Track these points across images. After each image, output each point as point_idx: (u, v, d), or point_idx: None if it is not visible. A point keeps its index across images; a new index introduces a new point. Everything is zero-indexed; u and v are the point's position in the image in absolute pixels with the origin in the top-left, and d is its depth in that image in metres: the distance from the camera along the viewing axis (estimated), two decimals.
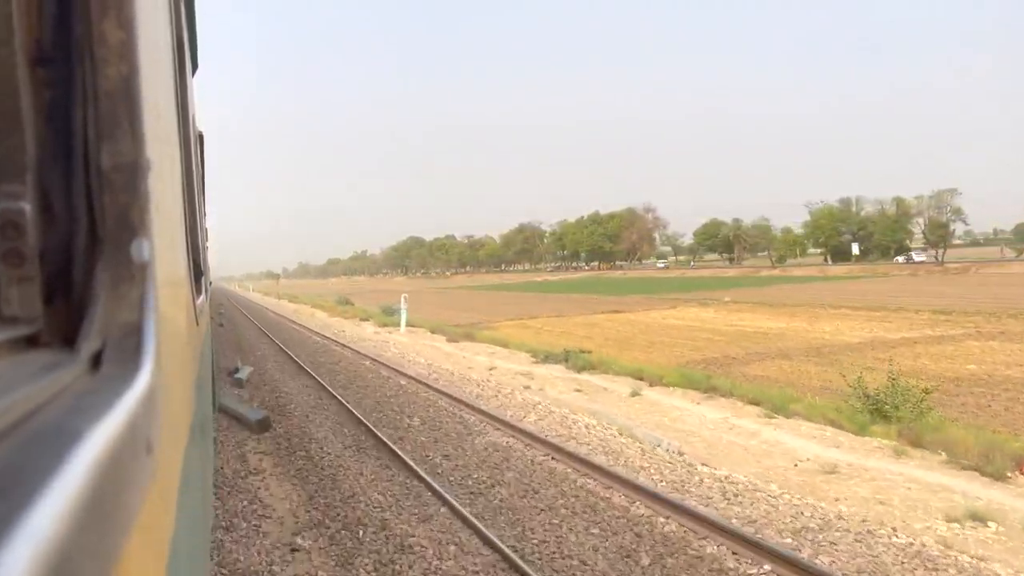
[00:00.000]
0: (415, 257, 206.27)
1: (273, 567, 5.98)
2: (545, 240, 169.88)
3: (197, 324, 2.13)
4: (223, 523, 6.98)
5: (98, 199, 0.61)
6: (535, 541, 6.48)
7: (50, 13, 0.59)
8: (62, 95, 0.60)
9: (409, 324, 30.39)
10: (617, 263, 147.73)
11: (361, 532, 6.71)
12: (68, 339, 0.58)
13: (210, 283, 6.53)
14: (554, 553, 6.22)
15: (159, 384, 0.63)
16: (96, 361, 0.58)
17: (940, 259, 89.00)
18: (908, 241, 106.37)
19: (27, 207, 0.58)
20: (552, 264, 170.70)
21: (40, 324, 0.59)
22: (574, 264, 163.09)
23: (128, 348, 0.60)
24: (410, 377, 15.96)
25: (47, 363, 0.53)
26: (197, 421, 1.61)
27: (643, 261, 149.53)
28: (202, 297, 2.90)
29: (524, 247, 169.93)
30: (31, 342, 0.58)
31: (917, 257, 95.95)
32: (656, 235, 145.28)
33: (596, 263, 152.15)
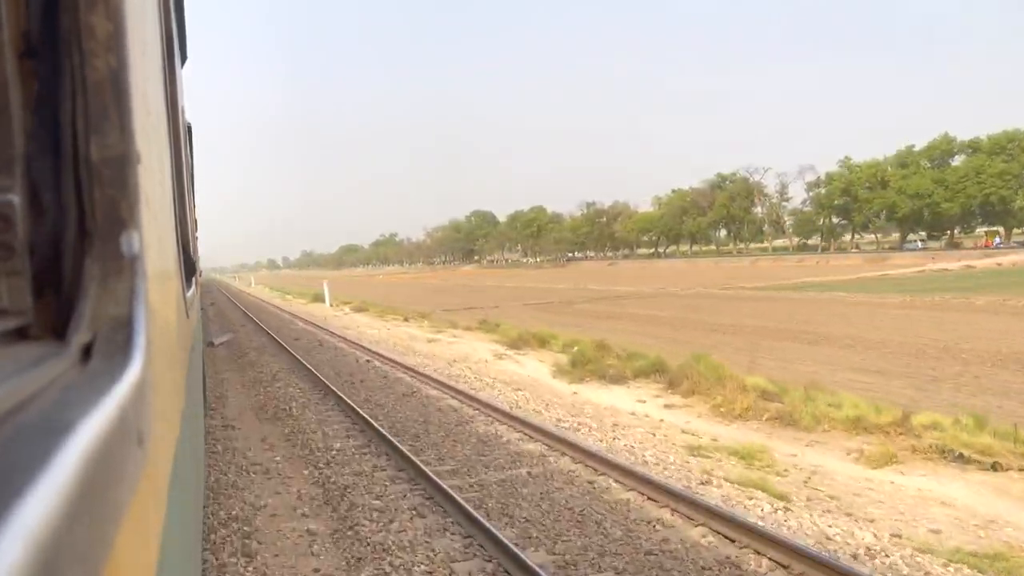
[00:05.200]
0: (494, 237, 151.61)
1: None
2: (774, 197, 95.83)
3: (187, 316, 2.13)
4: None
5: (87, 192, 0.61)
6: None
7: (37, 5, 0.59)
8: (50, 88, 0.60)
9: None
10: (986, 230, 78.67)
11: None
12: (58, 332, 0.59)
13: (200, 273, 6.54)
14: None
15: (149, 376, 0.63)
16: (86, 353, 0.58)
17: None
18: None
19: (16, 200, 0.58)
20: (770, 239, 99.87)
21: (30, 317, 0.59)
22: (851, 240, 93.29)
23: (118, 341, 0.60)
24: None
25: (37, 356, 0.53)
26: (188, 413, 1.61)
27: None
28: (192, 289, 2.89)
29: (729, 213, 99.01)
30: (21, 335, 0.58)
31: None
32: None
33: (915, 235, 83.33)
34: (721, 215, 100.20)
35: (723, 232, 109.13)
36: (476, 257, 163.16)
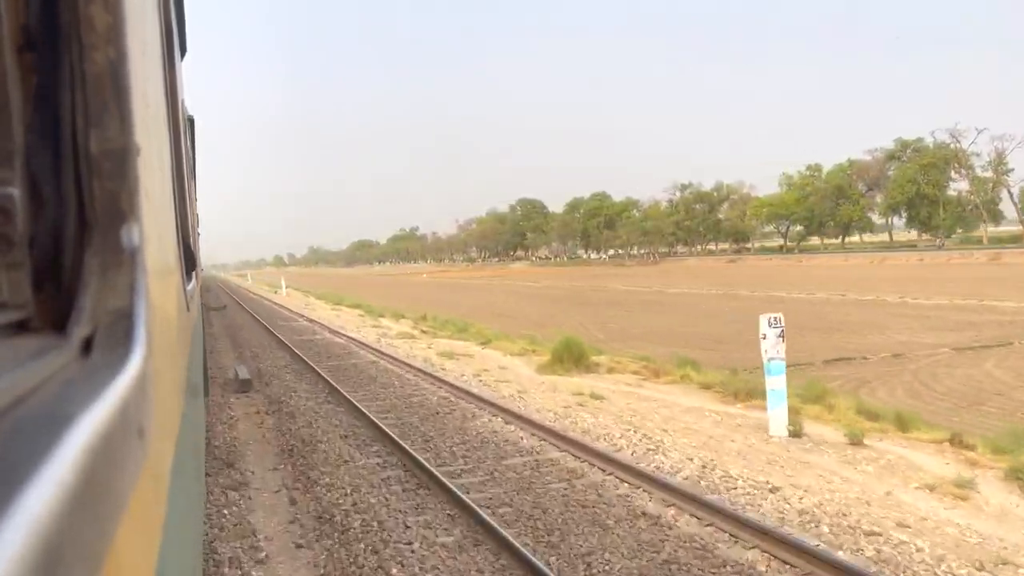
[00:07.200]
0: (553, 229, 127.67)
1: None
2: (987, 170, 65.43)
3: (188, 310, 2.13)
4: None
5: (87, 185, 0.61)
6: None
7: None
8: (49, 81, 0.59)
9: None
10: None
11: None
12: (58, 325, 0.59)
13: (200, 269, 6.59)
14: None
15: (150, 369, 0.63)
16: (86, 346, 0.58)
17: None
18: None
19: (16, 193, 0.57)
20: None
21: (30, 310, 0.59)
22: None
23: (118, 334, 0.60)
24: None
25: (37, 348, 0.53)
26: (189, 406, 1.62)
27: None
28: (193, 283, 2.89)
29: (919, 191, 67.30)
30: (21, 327, 0.58)
31: None
32: None
33: None
34: (905, 194, 68.04)
35: (892, 219, 76.00)
36: (519, 252, 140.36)
